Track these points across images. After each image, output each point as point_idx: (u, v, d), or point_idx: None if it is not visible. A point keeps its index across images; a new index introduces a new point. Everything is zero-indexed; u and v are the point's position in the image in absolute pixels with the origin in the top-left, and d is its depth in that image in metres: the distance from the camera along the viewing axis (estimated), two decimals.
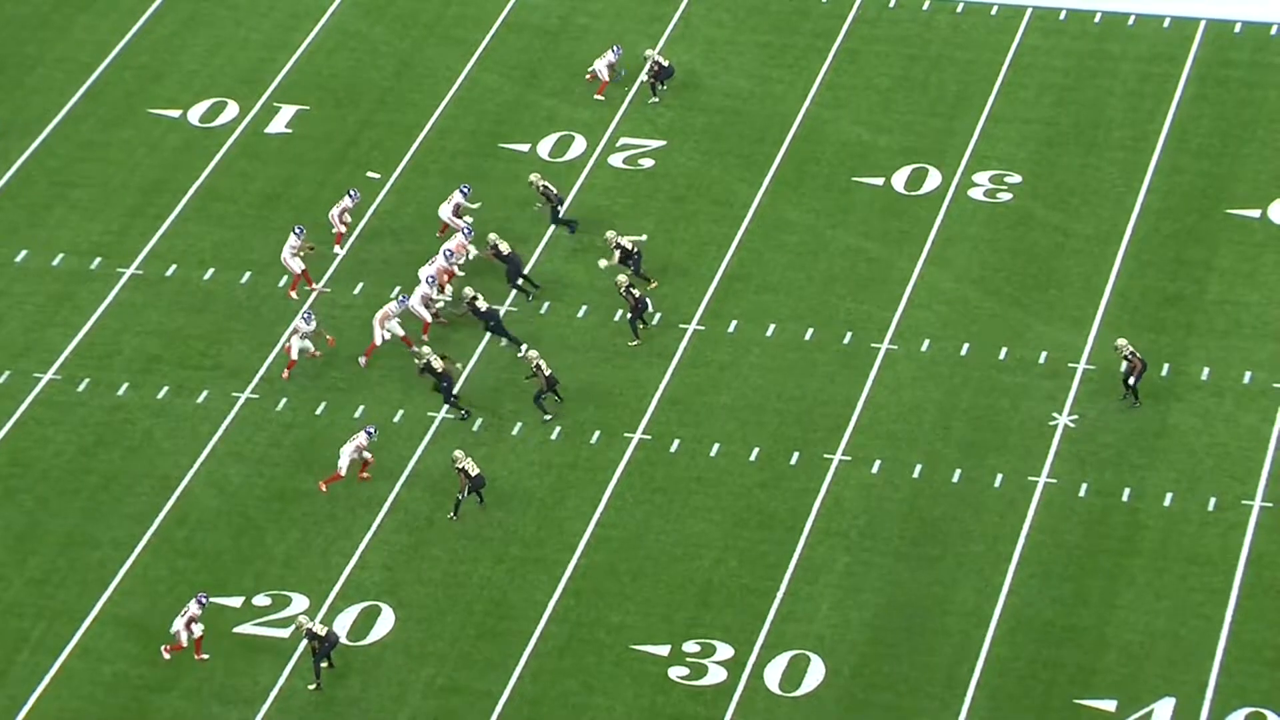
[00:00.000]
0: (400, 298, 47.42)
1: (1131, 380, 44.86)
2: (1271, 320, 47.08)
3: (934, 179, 51.24)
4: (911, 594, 42.13)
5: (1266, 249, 48.70)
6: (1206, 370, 46.07)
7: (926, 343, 47.26)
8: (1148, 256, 48.84)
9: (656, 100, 53.15)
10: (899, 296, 48.24)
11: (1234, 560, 42.14)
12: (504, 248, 48.55)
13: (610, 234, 48.51)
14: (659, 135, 53.20)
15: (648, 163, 52.50)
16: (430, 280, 47.52)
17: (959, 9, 56.14)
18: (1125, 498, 43.66)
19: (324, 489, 44.06)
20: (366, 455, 44.15)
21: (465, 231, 48.95)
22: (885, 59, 54.75)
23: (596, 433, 45.83)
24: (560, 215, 50.02)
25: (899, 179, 51.39)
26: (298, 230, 48.70)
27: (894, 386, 46.32)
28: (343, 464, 43.97)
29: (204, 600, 41.05)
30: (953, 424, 45.42)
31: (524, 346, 45.77)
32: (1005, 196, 50.60)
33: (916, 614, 41.68)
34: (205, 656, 40.97)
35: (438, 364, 45.47)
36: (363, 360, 47.02)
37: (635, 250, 48.17)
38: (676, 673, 40.97)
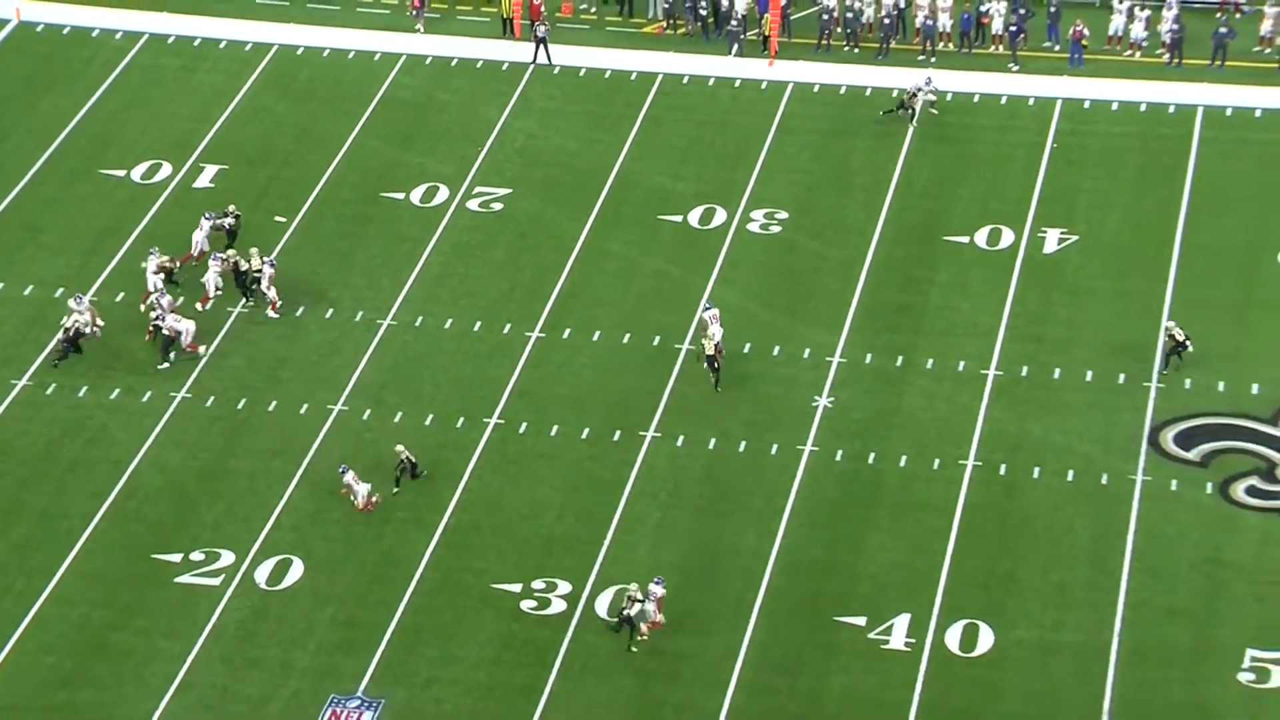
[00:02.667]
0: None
1: (1174, 355, 44.42)
2: (979, 322, 47.21)
3: (721, 216, 51.29)
4: (709, 540, 42.15)
5: (974, 267, 48.94)
6: (931, 361, 46.25)
7: None
8: (884, 275, 49.05)
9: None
10: (695, 309, 48.31)
11: (953, 507, 42.34)
12: (243, 264, 48.00)
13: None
14: (506, 185, 52.96)
15: (498, 206, 52.25)
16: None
17: (736, 84, 56.26)
18: (870, 461, 43.78)
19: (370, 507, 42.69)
20: (352, 484, 42.64)
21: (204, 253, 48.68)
22: (681, 124, 54.74)
23: (461, 419, 45.57)
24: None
25: (694, 216, 51.42)
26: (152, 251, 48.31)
27: (693, 378, 46.29)
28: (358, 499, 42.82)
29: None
30: (739, 406, 45.49)
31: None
32: (776, 229, 50.79)
33: (712, 556, 41.71)
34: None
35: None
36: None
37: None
38: (527, 605, 40.78)
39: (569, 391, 46.16)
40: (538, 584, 41.25)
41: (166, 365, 46.40)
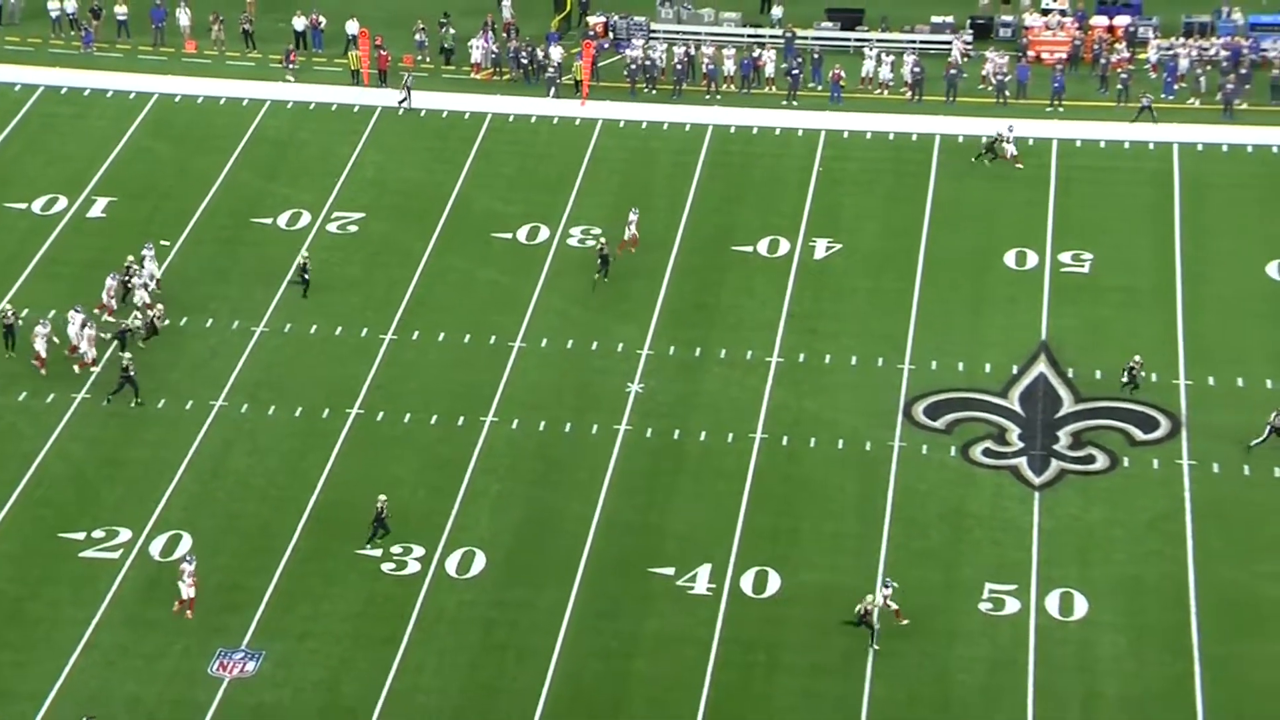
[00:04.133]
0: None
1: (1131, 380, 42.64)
2: (763, 318, 47.30)
3: (544, 233, 51.10)
4: (541, 508, 42.05)
5: (758, 272, 49.12)
6: (724, 351, 46.36)
7: (545, 341, 47.25)
8: (683, 279, 49.10)
9: None
10: (525, 312, 48.22)
11: (745, 473, 42.33)
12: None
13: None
14: (360, 210, 52.45)
15: (354, 228, 51.73)
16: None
17: (555, 121, 56.18)
18: (676, 437, 43.85)
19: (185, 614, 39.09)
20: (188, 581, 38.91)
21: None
22: (509, 156, 54.48)
23: (326, 410, 45.14)
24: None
25: (522, 234, 51.18)
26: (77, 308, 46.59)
27: (525, 370, 46.22)
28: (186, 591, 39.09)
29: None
30: (564, 394, 45.51)
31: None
32: (591, 243, 50.94)
33: (544, 521, 41.61)
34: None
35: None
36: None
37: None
38: (387, 568, 40.55)
39: (419, 385, 45.83)
40: (396, 549, 40.98)
41: (139, 402, 44.68)
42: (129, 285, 48.01)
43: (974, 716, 36.20)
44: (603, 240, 49.07)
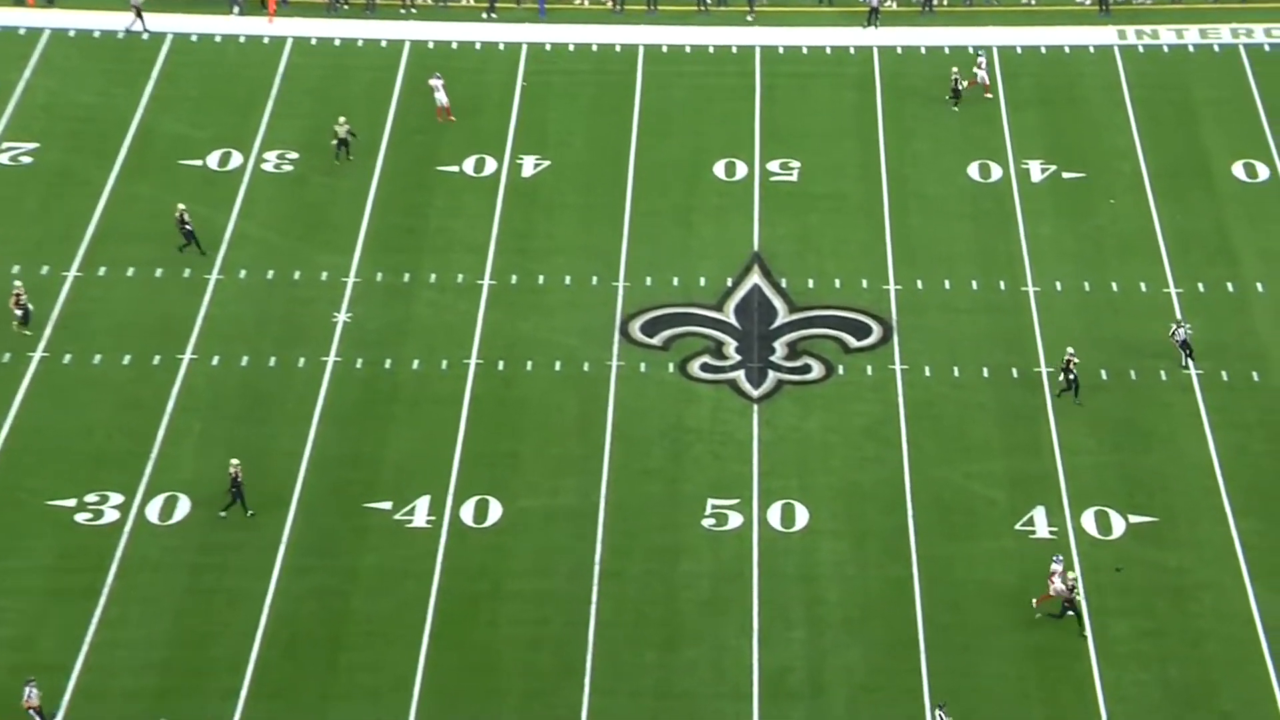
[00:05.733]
0: None
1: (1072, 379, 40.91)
2: (473, 240, 46.83)
3: (237, 159, 49.65)
4: (247, 446, 41.16)
5: (465, 192, 48.46)
6: (434, 276, 45.91)
7: (244, 272, 46.07)
8: (388, 202, 48.35)
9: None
10: (221, 241, 46.91)
11: (460, 400, 42.04)
12: None
13: None
14: (35, 139, 50.14)
15: (28, 159, 49.41)
16: None
17: (241, 40, 54.49)
18: (388, 366, 43.39)
19: None
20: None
21: None
22: (194, 78, 52.78)
23: (6, 354, 43.20)
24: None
25: (213, 160, 49.77)
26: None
27: (223, 303, 45.09)
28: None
29: None
30: (268, 326, 44.56)
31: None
32: (288, 168, 49.74)
33: (251, 459, 40.72)
34: None
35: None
36: None
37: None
38: (82, 517, 39.33)
39: (109, 323, 44.35)
40: (91, 498, 39.75)
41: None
42: None
43: (701, 632, 36.85)
44: (343, 121, 47.83)
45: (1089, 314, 44.15)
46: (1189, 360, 42.17)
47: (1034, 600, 36.87)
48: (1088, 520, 38.68)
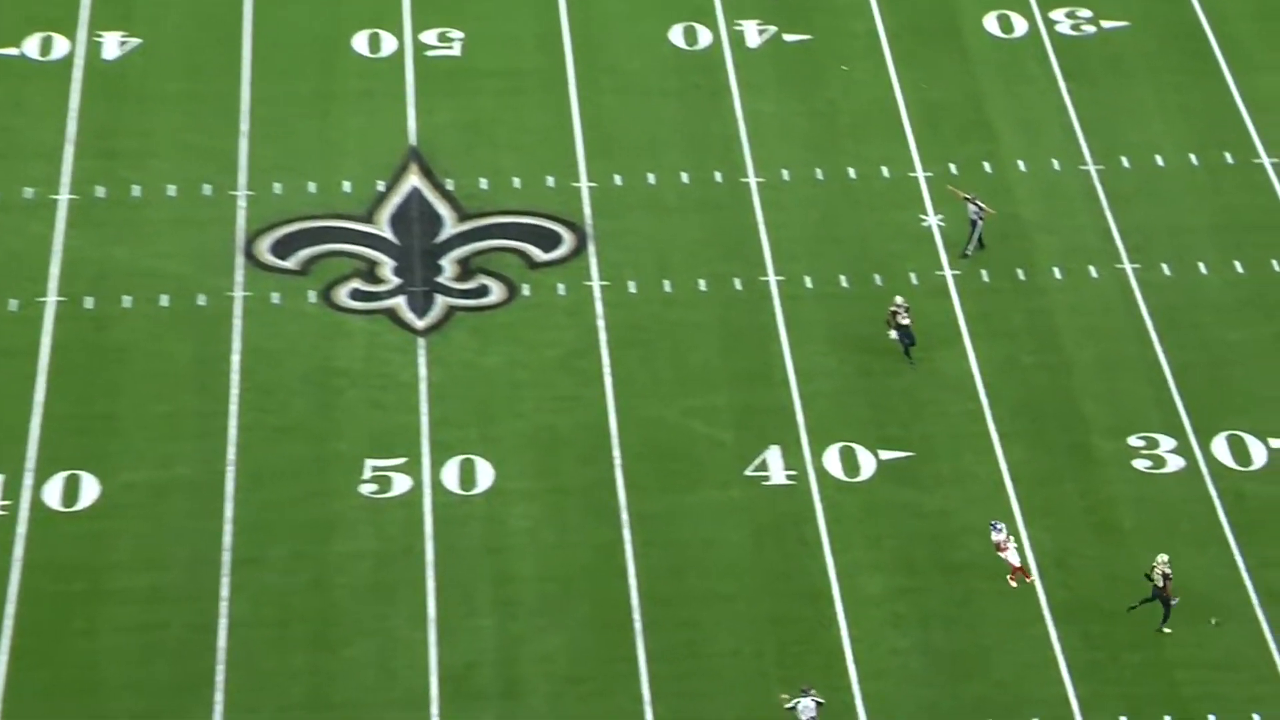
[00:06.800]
0: None
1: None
2: (42, 141, 43.60)
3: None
4: None
5: (29, 80, 45.18)
6: None
7: None
8: None
9: None
10: None
11: (37, 350, 39.26)
12: None
13: None
14: None
15: None
16: None
17: None
18: None
19: None
20: None
21: None
22: None
23: None
24: None
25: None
26: None
27: None
28: None
29: None
30: None
31: None
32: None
33: None
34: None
35: None
36: None
37: None
38: None
39: None
40: None
41: None
42: None
43: (363, 626, 34.96)
44: None
45: (823, 207, 43.42)
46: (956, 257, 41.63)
47: (1009, 579, 35.62)
48: (831, 460, 37.87)
